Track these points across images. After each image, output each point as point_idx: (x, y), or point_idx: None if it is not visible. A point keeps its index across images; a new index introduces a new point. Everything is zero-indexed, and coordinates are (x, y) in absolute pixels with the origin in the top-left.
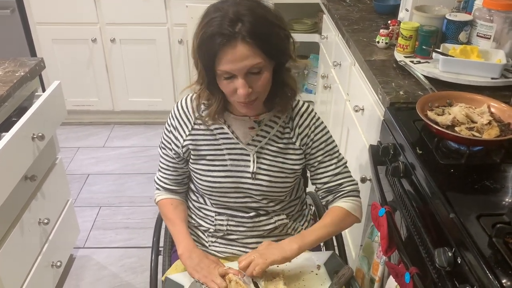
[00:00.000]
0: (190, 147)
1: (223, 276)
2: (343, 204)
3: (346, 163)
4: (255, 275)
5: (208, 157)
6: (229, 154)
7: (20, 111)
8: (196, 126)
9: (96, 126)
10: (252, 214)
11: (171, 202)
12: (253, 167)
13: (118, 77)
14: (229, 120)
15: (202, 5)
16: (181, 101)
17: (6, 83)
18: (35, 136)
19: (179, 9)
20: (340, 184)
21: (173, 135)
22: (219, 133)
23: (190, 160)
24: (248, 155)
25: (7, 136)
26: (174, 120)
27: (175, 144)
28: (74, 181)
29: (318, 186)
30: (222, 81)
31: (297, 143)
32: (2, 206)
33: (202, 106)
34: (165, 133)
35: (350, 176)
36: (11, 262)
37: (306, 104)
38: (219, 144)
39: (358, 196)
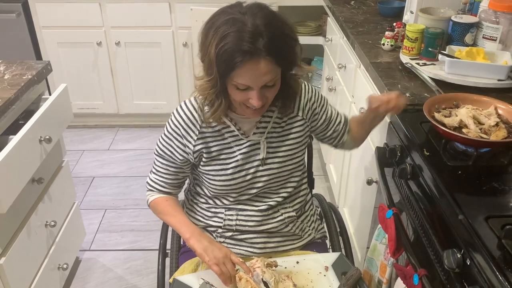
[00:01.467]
0: (204, 150)
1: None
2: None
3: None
4: None
5: (219, 157)
6: (238, 149)
7: (28, 114)
8: (203, 129)
9: (101, 129)
10: (261, 207)
11: (166, 199)
12: (264, 153)
13: (123, 80)
14: (234, 118)
15: (206, 8)
16: (181, 107)
17: (14, 86)
18: (42, 139)
19: (183, 12)
20: (344, 117)
21: (180, 142)
22: (226, 132)
23: (201, 163)
24: (258, 143)
25: (15, 138)
26: (179, 129)
27: (183, 151)
28: (80, 184)
29: (338, 129)
30: (234, 90)
31: (300, 113)
32: (10, 209)
33: (206, 108)
34: (165, 141)
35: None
36: (18, 264)
37: (301, 81)
38: (228, 142)
39: None
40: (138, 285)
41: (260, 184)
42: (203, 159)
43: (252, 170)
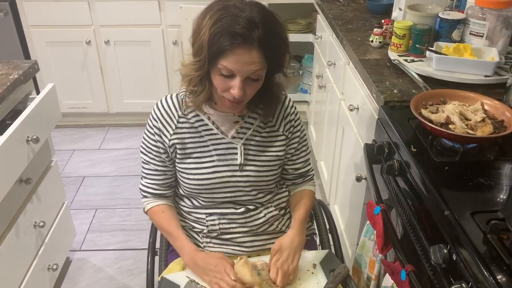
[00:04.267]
0: (178, 146)
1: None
2: (311, 187)
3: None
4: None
5: (194, 155)
6: (215, 149)
7: (14, 114)
8: (179, 125)
9: (91, 128)
10: (242, 210)
11: (162, 209)
12: (241, 159)
13: (113, 79)
14: (213, 116)
15: (196, 6)
16: (161, 101)
17: (0, 86)
18: (29, 139)
19: (173, 10)
20: (309, 170)
21: (159, 136)
22: (204, 130)
23: (176, 160)
24: (235, 148)
25: (1, 139)
26: (157, 122)
27: (162, 144)
28: (70, 184)
29: (290, 171)
30: (217, 76)
31: (281, 129)
32: None
33: (182, 94)
34: (148, 137)
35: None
36: (6, 265)
37: (284, 94)
38: (205, 141)
39: None
40: (129, 285)
41: (235, 189)
42: (178, 155)
43: (228, 174)
